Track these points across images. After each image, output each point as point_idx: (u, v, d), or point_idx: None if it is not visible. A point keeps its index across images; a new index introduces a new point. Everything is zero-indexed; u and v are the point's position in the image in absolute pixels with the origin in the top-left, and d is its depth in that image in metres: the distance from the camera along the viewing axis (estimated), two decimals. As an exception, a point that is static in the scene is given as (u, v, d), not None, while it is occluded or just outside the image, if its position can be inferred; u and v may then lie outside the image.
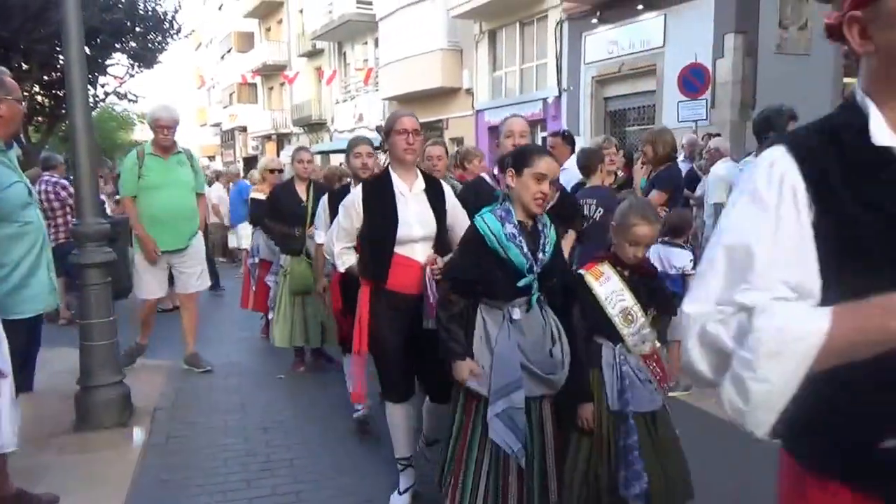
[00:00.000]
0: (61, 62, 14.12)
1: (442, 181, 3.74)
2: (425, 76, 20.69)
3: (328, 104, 30.08)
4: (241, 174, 14.38)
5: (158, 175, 5.67)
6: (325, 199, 4.56)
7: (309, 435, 4.55)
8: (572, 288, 3.01)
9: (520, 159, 2.90)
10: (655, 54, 13.35)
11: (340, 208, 3.55)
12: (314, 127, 31.59)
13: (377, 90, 24.41)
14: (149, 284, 5.81)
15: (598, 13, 14.56)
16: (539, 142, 16.68)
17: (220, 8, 43.70)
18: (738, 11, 11.61)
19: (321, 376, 5.79)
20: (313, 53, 31.02)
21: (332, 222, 3.87)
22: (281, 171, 7.54)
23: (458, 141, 18.54)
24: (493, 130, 14.25)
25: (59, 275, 4.22)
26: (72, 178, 5.75)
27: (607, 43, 14.55)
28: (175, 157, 5.79)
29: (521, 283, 2.81)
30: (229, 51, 41.08)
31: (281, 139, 36.45)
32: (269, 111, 37.04)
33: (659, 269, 4.22)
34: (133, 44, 18.08)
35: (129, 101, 19.86)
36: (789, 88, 10.20)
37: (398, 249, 3.36)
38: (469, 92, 20.14)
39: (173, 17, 19.01)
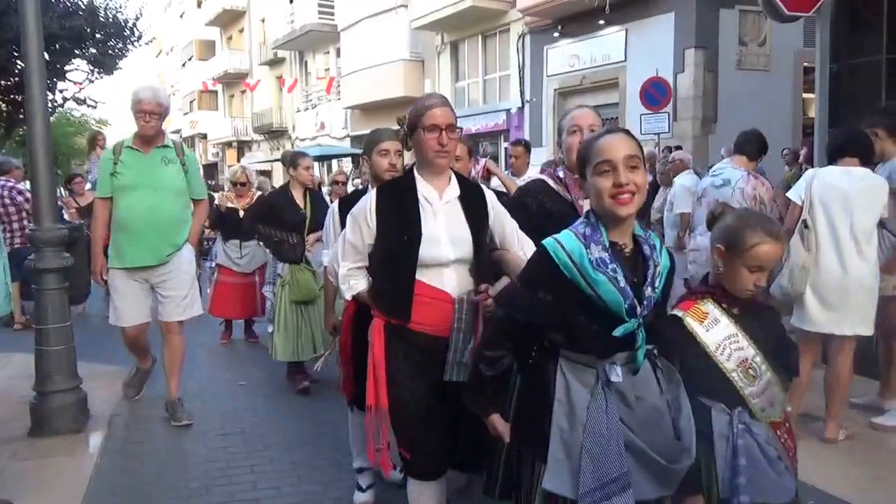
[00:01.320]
0: (20, 67, 13.86)
1: (483, 186, 2.94)
2: (387, 86, 20.67)
3: (289, 112, 29.95)
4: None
5: (134, 173, 4.52)
6: (334, 207, 3.62)
7: (269, 441, 4.44)
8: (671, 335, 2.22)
9: (581, 159, 2.09)
10: (617, 68, 13.53)
11: (348, 218, 2.76)
12: (275, 135, 31.42)
13: (339, 99, 24.35)
14: (122, 308, 4.63)
15: (559, 27, 14.73)
16: (502, 152, 16.81)
17: (181, 16, 43.29)
18: (698, 27, 11.84)
19: (282, 382, 5.69)
20: (275, 62, 30.91)
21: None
22: (244, 184, 7.22)
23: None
24: (457, 140, 14.41)
25: (15, 279, 4.12)
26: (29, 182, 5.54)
27: (569, 56, 14.72)
28: (159, 152, 4.59)
29: (618, 332, 1.95)
30: (190, 58, 40.75)
31: (241, 146, 36.24)
32: (229, 118, 36.81)
33: None
34: (93, 50, 17.91)
35: (89, 106, 19.69)
36: (750, 103, 10.46)
37: (422, 276, 2.57)
38: (431, 102, 20.16)
39: (134, 24, 18.89)
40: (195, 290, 4.82)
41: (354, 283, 2.76)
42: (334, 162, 24.98)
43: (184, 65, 42.72)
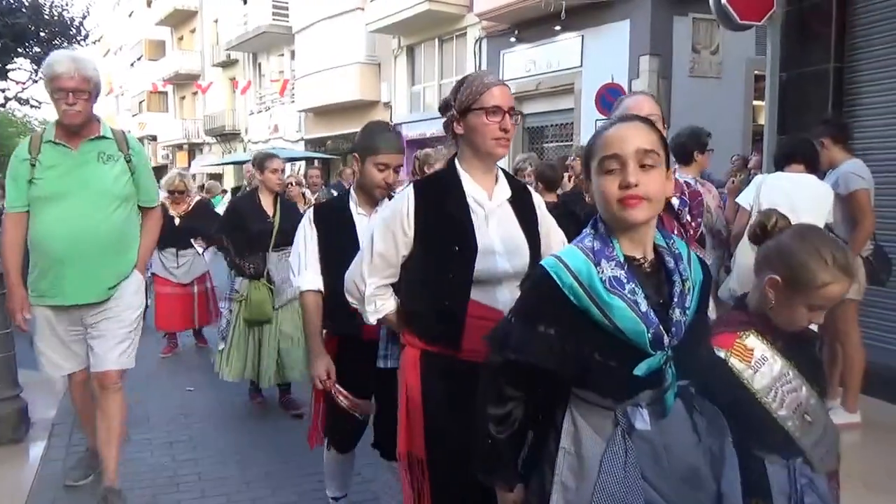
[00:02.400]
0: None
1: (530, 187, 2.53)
2: (343, 89, 20.60)
3: (242, 115, 29.65)
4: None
5: (58, 176, 3.33)
6: (308, 215, 3.01)
7: (218, 448, 4.40)
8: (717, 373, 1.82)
9: (585, 152, 1.74)
10: (573, 73, 13.67)
11: (378, 222, 2.29)
12: (228, 137, 31.08)
13: (293, 102, 24.19)
14: (50, 355, 3.54)
15: (515, 32, 14.84)
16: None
17: (130, 15, 42.53)
18: (652, 35, 12.03)
19: (230, 387, 5.61)
20: (227, 64, 30.59)
21: (320, 251, 2.89)
22: (183, 192, 6.71)
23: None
24: (412, 144, 14.45)
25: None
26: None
27: (525, 61, 14.83)
28: (92, 147, 3.40)
29: (640, 371, 1.57)
30: (139, 58, 40.09)
31: (193, 149, 35.76)
32: (180, 120, 36.29)
33: None
34: (37, 49, 17.51)
35: (32, 106, 19.28)
36: (702, 110, 10.64)
37: (474, 294, 2.16)
38: (387, 105, 20.15)
39: (81, 23, 18.50)
40: (134, 337, 3.56)
41: (382, 304, 2.30)
42: (287, 165, 24.76)
43: (132, 65, 41.98)
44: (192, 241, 6.74)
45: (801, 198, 4.10)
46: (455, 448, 2.04)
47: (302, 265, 2.91)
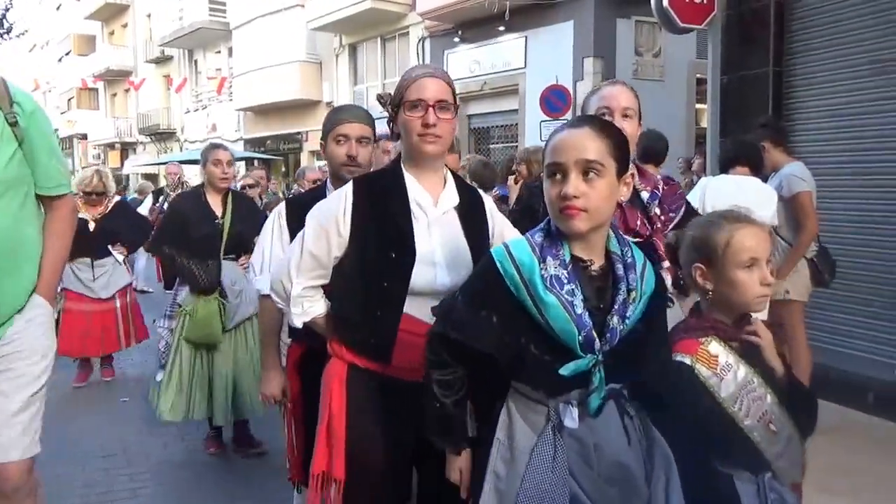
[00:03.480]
0: None
1: (482, 191, 2.37)
2: (283, 88, 20.33)
3: (178, 113, 29.01)
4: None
5: None
6: (279, 211, 2.74)
7: (155, 462, 4.28)
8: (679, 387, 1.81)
9: (543, 155, 1.72)
10: (517, 74, 13.77)
11: (310, 221, 2.13)
12: (163, 136, 30.39)
13: (231, 100, 23.77)
14: None
15: (459, 32, 14.86)
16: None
17: (57, 8, 41.20)
18: (595, 37, 12.19)
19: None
20: (162, 60, 29.91)
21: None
22: (102, 193, 5.90)
23: (318, 154, 18.33)
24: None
25: None
26: None
27: (470, 62, 14.88)
28: None
29: (565, 371, 1.59)
30: (68, 53, 38.87)
31: (125, 148, 34.87)
32: (112, 118, 35.33)
33: None
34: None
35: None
36: (646, 112, 10.78)
37: (409, 307, 2.02)
38: (329, 105, 19.96)
39: (4, 16, 17.83)
40: (38, 406, 2.36)
41: (310, 305, 2.13)
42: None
43: (60, 60, 40.71)
44: (109, 248, 5.96)
45: (746, 200, 4.16)
46: (377, 470, 1.98)
47: (265, 265, 2.64)
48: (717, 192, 4.26)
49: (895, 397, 4.95)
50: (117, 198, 6.58)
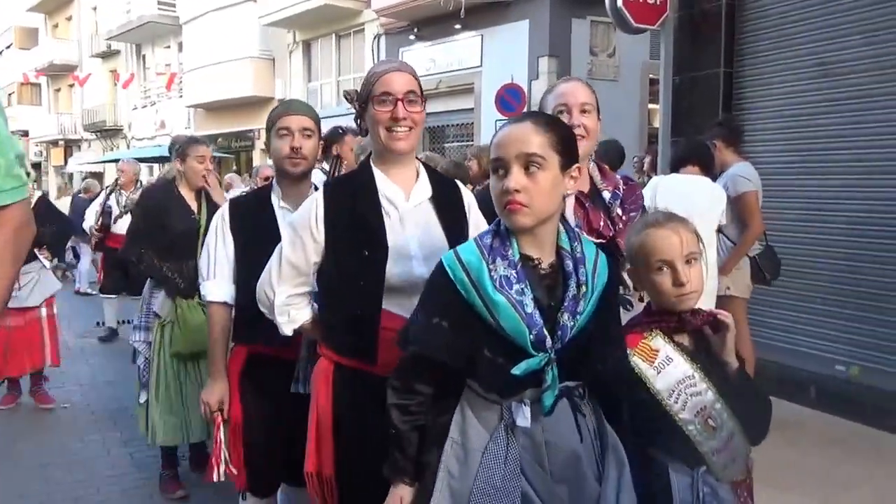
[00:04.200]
0: None
1: (459, 183, 2.38)
2: (235, 84, 20.11)
3: (125, 110, 28.47)
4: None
5: None
6: (223, 212, 2.69)
7: (95, 470, 4.20)
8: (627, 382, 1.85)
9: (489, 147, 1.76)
10: (473, 73, 13.83)
11: (285, 230, 2.18)
12: (109, 133, 29.80)
13: (181, 97, 23.41)
14: None
15: (415, 30, 14.88)
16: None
17: (-3, -2, 40.16)
18: (551, 36, 12.32)
19: (110, 403, 5.37)
20: (108, 54, 29.32)
21: (237, 254, 2.60)
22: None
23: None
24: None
25: None
26: None
27: (425, 60, 14.89)
28: None
29: (518, 371, 1.61)
30: (9, 46, 37.90)
31: (69, 146, 34.08)
32: (55, 115, 34.53)
33: None
34: None
35: None
36: (601, 111, 11.00)
37: (388, 302, 2.04)
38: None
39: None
40: None
41: (296, 313, 2.18)
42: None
43: (1, 54, 39.66)
44: (35, 251, 5.32)
45: (696, 200, 4.28)
46: (366, 468, 1.96)
47: (210, 271, 2.63)
48: (668, 191, 4.35)
49: (837, 392, 5.13)
50: (38, 193, 6.25)
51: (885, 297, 5.02)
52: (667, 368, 1.85)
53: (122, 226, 7.07)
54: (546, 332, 1.62)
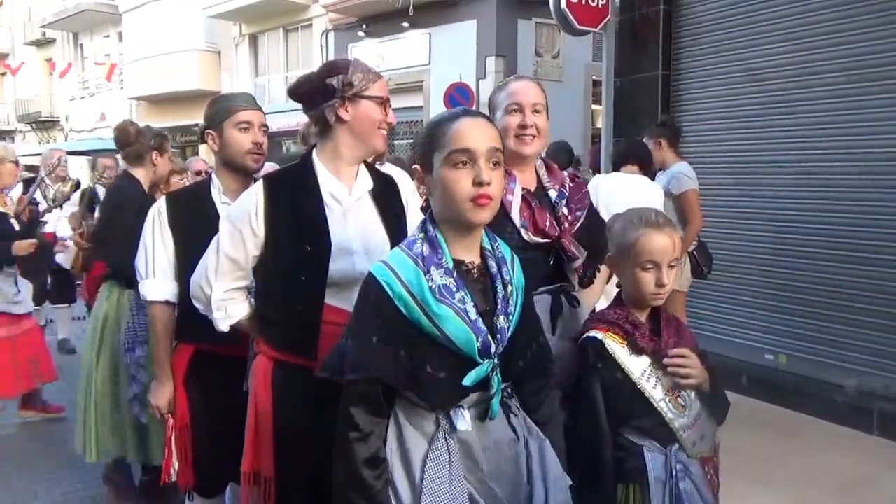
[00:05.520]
0: None
1: (397, 175, 2.44)
2: (180, 77, 19.88)
3: (62, 100, 27.73)
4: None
5: None
6: (159, 207, 2.64)
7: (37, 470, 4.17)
8: (555, 373, 1.88)
9: (426, 142, 1.69)
10: (421, 71, 13.99)
11: (223, 223, 2.16)
12: (45, 125, 29.00)
13: (122, 88, 22.96)
14: None
15: (364, 26, 14.95)
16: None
17: (-77, -19, 38.62)
18: (497, 37, 12.55)
19: (62, 390, 5.33)
20: (43, 43, 28.50)
21: (178, 250, 2.56)
22: None
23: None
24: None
25: None
26: None
27: (375, 56, 14.99)
28: None
29: (468, 381, 1.60)
30: (-65, 32, 36.45)
31: (2, 136, 32.99)
32: (-14, 104, 33.38)
33: None
34: None
35: None
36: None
37: (330, 298, 2.05)
38: (228, 97, 19.64)
39: None
40: None
41: (233, 308, 2.16)
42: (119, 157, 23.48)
43: (-73, 39, 38.15)
44: None
45: (635, 199, 4.54)
46: (306, 466, 1.97)
47: (149, 269, 2.58)
48: (608, 189, 4.59)
49: (766, 379, 5.49)
50: None
51: (808, 290, 5.38)
52: (638, 356, 2.01)
53: (52, 224, 6.24)
54: (490, 338, 1.61)
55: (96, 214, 4.68)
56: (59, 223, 6.32)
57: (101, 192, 5.63)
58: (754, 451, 4.37)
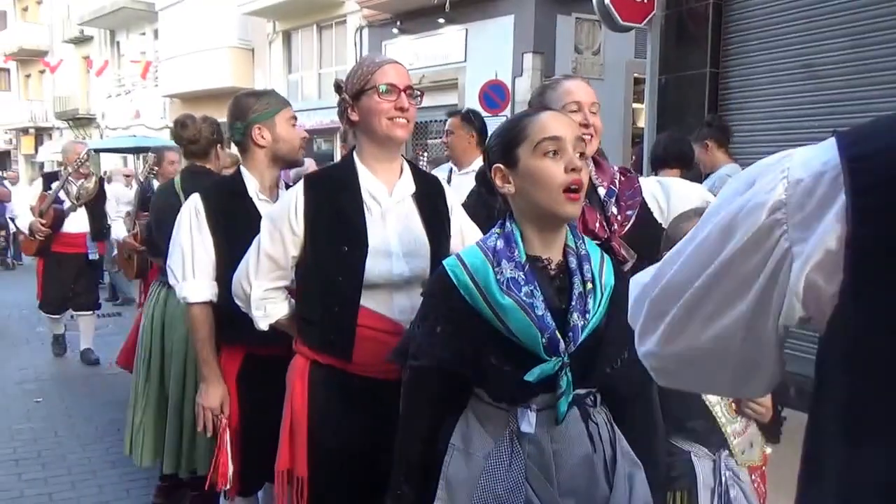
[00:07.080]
0: None
1: (443, 181, 2.43)
2: (213, 74, 19.98)
3: (98, 98, 28.17)
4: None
5: None
6: (194, 204, 2.56)
7: (71, 465, 4.18)
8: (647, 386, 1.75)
9: (508, 137, 1.66)
10: (457, 68, 13.86)
11: (264, 222, 2.17)
12: (81, 122, 29.49)
13: (157, 86, 23.22)
14: None
15: (398, 23, 14.87)
16: (337, 151, 16.69)
17: (-35, -20, 39.56)
18: (536, 33, 12.37)
19: (84, 399, 5.34)
20: (81, 40, 28.97)
21: (217, 249, 2.52)
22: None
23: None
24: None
25: None
26: None
27: (409, 54, 14.90)
28: None
29: (531, 377, 1.55)
30: (-24, 30, 37.35)
31: (40, 134, 33.69)
32: (26, 101, 34.06)
33: None
34: None
35: None
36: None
37: (366, 299, 2.06)
38: (262, 94, 19.72)
39: None
40: None
41: (273, 308, 2.18)
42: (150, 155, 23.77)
43: (-32, 37, 39.10)
44: None
45: (675, 204, 4.33)
46: (339, 467, 2.01)
47: (188, 270, 2.51)
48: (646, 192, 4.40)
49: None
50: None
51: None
52: None
53: (74, 223, 6.26)
54: (559, 336, 1.56)
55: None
56: (113, 224, 6.20)
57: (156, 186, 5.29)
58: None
